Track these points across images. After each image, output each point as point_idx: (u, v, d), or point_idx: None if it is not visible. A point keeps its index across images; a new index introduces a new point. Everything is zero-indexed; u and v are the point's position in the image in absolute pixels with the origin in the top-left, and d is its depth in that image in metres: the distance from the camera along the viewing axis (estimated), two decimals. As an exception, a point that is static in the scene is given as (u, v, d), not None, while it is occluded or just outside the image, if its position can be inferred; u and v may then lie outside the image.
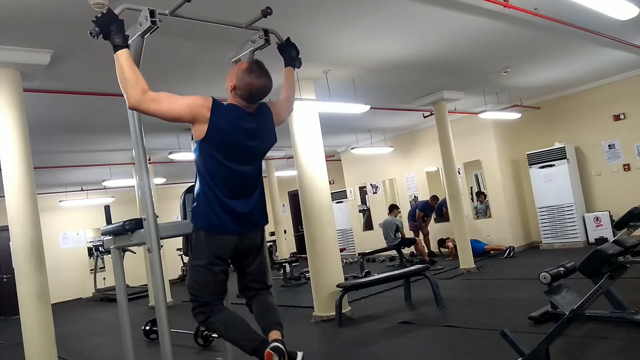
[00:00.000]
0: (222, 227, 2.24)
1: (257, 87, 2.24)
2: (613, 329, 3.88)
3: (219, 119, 2.19)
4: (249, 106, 2.30)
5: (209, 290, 2.27)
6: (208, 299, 2.27)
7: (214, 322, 2.27)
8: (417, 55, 5.81)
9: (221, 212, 2.23)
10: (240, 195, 2.29)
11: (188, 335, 5.27)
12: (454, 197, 8.11)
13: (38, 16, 3.55)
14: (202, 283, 2.27)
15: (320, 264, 5.92)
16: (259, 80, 2.24)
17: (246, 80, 2.23)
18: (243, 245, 2.32)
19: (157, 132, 7.59)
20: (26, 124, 4.11)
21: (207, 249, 2.25)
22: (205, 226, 2.25)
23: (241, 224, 2.29)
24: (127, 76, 2.08)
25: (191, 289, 2.30)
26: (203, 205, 2.25)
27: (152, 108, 2.10)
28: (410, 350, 4.30)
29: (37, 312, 3.90)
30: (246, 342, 2.21)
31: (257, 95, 2.28)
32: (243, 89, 2.24)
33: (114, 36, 2.12)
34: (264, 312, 2.35)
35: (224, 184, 2.24)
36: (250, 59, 2.50)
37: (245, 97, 2.26)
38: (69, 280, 12.09)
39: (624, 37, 5.99)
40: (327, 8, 4.20)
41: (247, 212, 2.30)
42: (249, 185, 2.34)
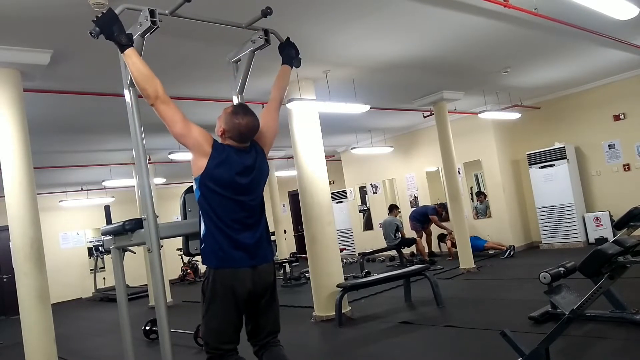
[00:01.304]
0: (232, 261, 2.25)
1: (244, 126, 2.31)
2: (613, 329, 3.88)
3: (218, 156, 2.26)
4: (241, 145, 2.36)
5: (226, 338, 2.27)
6: (223, 350, 2.27)
7: None
8: (417, 55, 5.81)
9: (229, 248, 2.25)
10: (245, 226, 2.30)
11: (188, 335, 5.27)
12: (454, 197, 8.10)
13: (38, 16, 3.55)
14: (218, 331, 2.27)
15: (320, 264, 5.92)
16: (245, 119, 2.32)
17: (234, 122, 2.31)
18: (256, 283, 2.30)
19: (157, 132, 7.55)
20: (26, 124, 4.10)
21: (220, 288, 2.25)
22: (216, 263, 2.26)
23: (250, 256, 2.29)
24: (145, 72, 2.16)
25: (206, 338, 2.31)
26: (211, 243, 2.27)
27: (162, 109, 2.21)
28: (410, 350, 4.30)
29: (37, 312, 3.90)
30: None
31: (247, 134, 2.34)
32: (232, 131, 2.32)
33: (118, 36, 2.13)
34: None
35: (228, 216, 2.26)
36: (234, 103, 2.59)
37: (236, 138, 2.33)
38: (69, 280, 12.08)
39: (624, 37, 5.99)
40: (327, 8, 4.20)
41: (254, 243, 2.32)
42: (252, 216, 2.36)
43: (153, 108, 2.23)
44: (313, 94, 6.19)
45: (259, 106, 6.41)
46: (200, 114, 6.45)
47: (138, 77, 2.15)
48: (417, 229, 10.40)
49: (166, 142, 8.14)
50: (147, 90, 2.14)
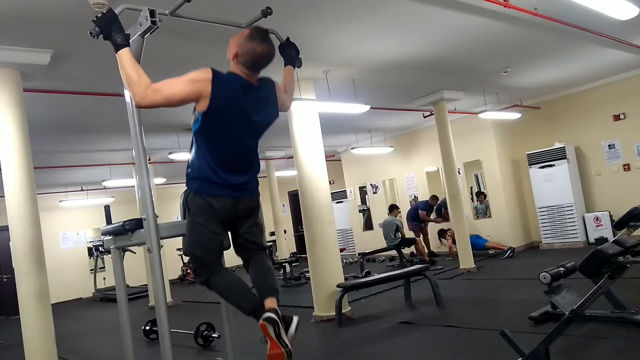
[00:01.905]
0: (216, 191, 2.24)
1: (259, 53, 2.20)
2: (613, 329, 3.88)
3: (221, 90, 2.14)
4: (251, 76, 2.27)
5: (209, 252, 2.29)
6: (209, 260, 2.28)
7: (215, 282, 2.29)
8: (417, 55, 5.81)
9: (215, 182, 2.23)
10: (236, 170, 2.28)
11: (188, 335, 5.27)
12: (454, 197, 8.11)
13: (38, 16, 3.55)
14: (202, 244, 2.28)
15: (320, 264, 5.92)
16: (261, 46, 2.20)
17: (248, 47, 2.18)
18: (237, 208, 2.31)
19: (157, 132, 7.60)
20: (26, 124, 4.11)
21: (204, 211, 2.25)
22: (200, 189, 2.25)
23: (235, 190, 2.28)
24: (130, 74, 2.08)
25: (191, 249, 2.31)
26: (197, 170, 2.25)
27: (157, 99, 2.08)
28: (410, 350, 4.30)
29: (37, 312, 3.90)
30: (245, 305, 2.24)
31: (260, 62, 2.23)
32: (245, 56, 2.20)
33: (114, 36, 2.11)
34: (260, 277, 2.34)
35: (222, 159, 2.23)
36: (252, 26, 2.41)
37: (247, 65, 2.22)
38: (69, 280, 12.08)
39: (624, 37, 5.99)
40: (327, 8, 4.20)
41: (241, 183, 2.30)
42: (246, 162, 2.34)
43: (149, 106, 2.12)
44: (313, 94, 6.19)
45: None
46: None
47: (125, 79, 2.11)
48: (415, 229, 10.41)
49: (166, 142, 8.16)
50: (132, 92, 2.08)
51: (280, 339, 2.04)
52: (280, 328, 2.05)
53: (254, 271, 2.37)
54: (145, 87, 2.06)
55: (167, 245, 3.04)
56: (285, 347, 2.04)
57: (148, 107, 2.12)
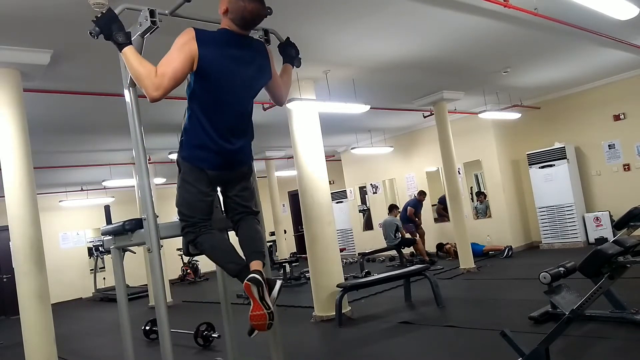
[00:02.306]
0: (207, 162, 2.24)
1: (249, 11, 2.15)
2: (613, 329, 3.88)
3: (207, 47, 2.12)
4: (240, 32, 2.23)
5: (198, 211, 2.28)
6: (197, 219, 2.28)
7: (202, 242, 2.29)
8: (417, 55, 5.81)
9: (208, 150, 2.21)
10: (231, 134, 2.26)
11: (188, 335, 5.27)
12: (454, 197, 8.11)
13: (38, 16, 3.55)
14: (191, 203, 2.28)
15: (320, 264, 5.92)
16: (252, 3, 2.15)
17: (239, 4, 2.14)
18: (229, 176, 2.33)
19: (157, 132, 7.60)
20: (26, 124, 4.11)
21: (194, 173, 2.26)
22: (191, 159, 2.25)
23: (227, 162, 2.28)
24: (140, 71, 2.08)
25: (181, 207, 2.31)
26: (191, 138, 2.24)
27: (166, 83, 2.05)
28: (410, 350, 4.30)
29: (37, 312, 3.90)
30: (231, 265, 2.24)
31: (250, 20, 2.19)
32: (235, 13, 2.16)
33: (116, 35, 2.11)
34: (247, 239, 2.34)
35: (216, 121, 2.21)
36: None
37: (237, 22, 2.19)
38: (69, 280, 12.08)
39: (624, 37, 5.99)
40: (327, 8, 4.20)
41: (235, 149, 2.28)
42: (240, 126, 2.32)
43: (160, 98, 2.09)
44: (313, 94, 6.19)
45: (259, 106, 6.42)
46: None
47: (135, 76, 2.12)
48: (411, 230, 10.43)
49: (166, 142, 8.16)
50: (144, 87, 2.08)
51: (263, 301, 2.06)
52: (264, 290, 2.07)
53: (242, 234, 2.37)
54: (154, 76, 2.06)
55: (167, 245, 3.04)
56: (267, 308, 2.06)
57: (163, 95, 2.08)
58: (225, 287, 2.83)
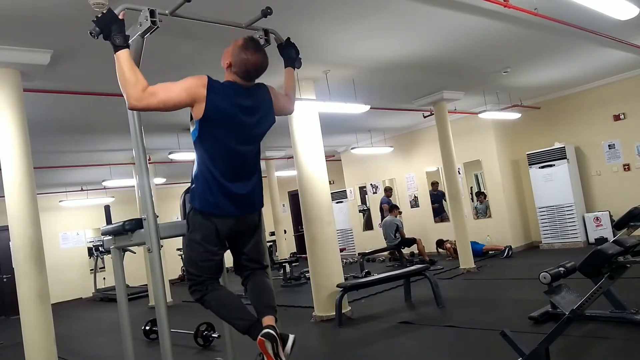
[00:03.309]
0: (219, 209, 2.23)
1: (252, 63, 2.22)
2: (613, 329, 3.88)
3: (216, 96, 2.16)
4: (245, 83, 2.28)
5: (206, 270, 2.28)
6: (204, 277, 2.28)
7: (209, 300, 2.28)
8: (417, 55, 5.81)
9: (219, 195, 2.22)
10: (239, 177, 2.27)
11: (188, 335, 5.27)
12: (454, 197, 8.11)
13: (38, 16, 3.55)
14: (199, 262, 2.27)
15: (320, 264, 5.92)
16: (255, 56, 2.21)
17: (242, 57, 2.21)
18: (240, 227, 2.31)
19: (157, 132, 7.60)
20: (26, 124, 4.10)
21: (203, 229, 2.25)
22: (202, 207, 2.24)
23: (239, 206, 2.27)
24: (127, 76, 2.07)
25: (188, 267, 2.31)
26: (201, 186, 2.24)
27: (153, 102, 2.08)
28: (410, 350, 4.30)
29: (37, 312, 3.90)
30: (239, 322, 2.23)
31: (253, 72, 2.25)
32: (239, 66, 2.22)
33: (114, 36, 2.11)
34: (258, 294, 2.34)
35: (223, 165, 2.23)
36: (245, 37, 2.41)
37: (241, 74, 2.24)
38: (69, 280, 12.08)
39: (624, 37, 5.99)
40: (327, 8, 4.20)
41: (246, 193, 2.29)
42: (247, 168, 2.33)
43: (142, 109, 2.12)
44: (313, 94, 6.19)
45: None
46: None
47: (121, 81, 2.09)
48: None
49: (166, 142, 8.16)
50: (127, 93, 2.05)
51: (278, 357, 2.04)
52: (278, 346, 2.05)
53: (252, 288, 2.37)
54: (142, 89, 2.06)
55: (167, 245, 3.04)
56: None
57: (142, 109, 2.14)
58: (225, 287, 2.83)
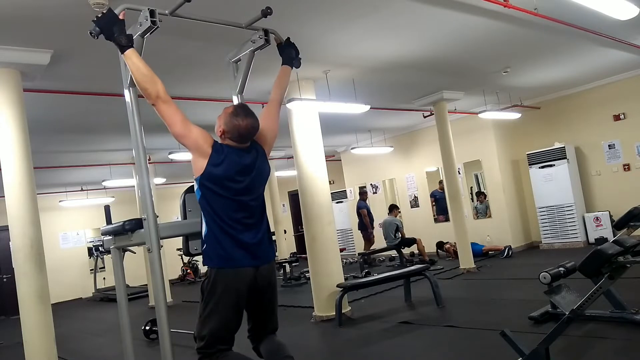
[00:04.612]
0: (234, 261, 2.26)
1: (244, 127, 2.32)
2: (613, 329, 3.88)
3: (218, 156, 2.27)
4: (240, 145, 2.38)
5: (222, 338, 2.27)
6: (217, 349, 2.26)
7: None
8: (417, 55, 5.81)
9: (231, 247, 2.26)
10: (246, 226, 2.32)
11: (188, 335, 5.26)
12: (454, 197, 8.11)
13: (38, 16, 3.55)
14: (215, 329, 2.25)
15: (320, 264, 5.92)
16: (245, 120, 2.33)
17: (234, 123, 2.32)
18: (258, 283, 2.32)
19: (157, 132, 7.55)
20: (26, 124, 4.10)
21: (221, 286, 2.24)
22: (218, 263, 2.26)
23: (253, 256, 2.30)
24: (145, 72, 2.18)
25: (201, 337, 2.27)
26: (212, 244, 2.28)
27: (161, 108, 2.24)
28: (410, 350, 4.30)
29: (37, 312, 3.90)
30: None
31: (246, 135, 2.36)
32: (232, 132, 2.33)
33: (118, 37, 2.13)
34: (275, 349, 2.38)
35: (229, 216, 2.28)
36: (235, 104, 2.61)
37: (235, 139, 2.34)
38: (69, 280, 12.08)
39: (624, 37, 5.99)
40: (327, 8, 4.20)
41: (256, 242, 2.33)
42: (255, 217, 2.37)
43: (154, 108, 2.23)
44: (313, 94, 6.19)
45: (259, 106, 6.42)
46: (200, 114, 6.45)
47: (139, 78, 2.16)
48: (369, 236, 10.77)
49: (166, 142, 8.13)
50: (147, 90, 2.16)
51: None
52: None
53: (268, 346, 2.41)
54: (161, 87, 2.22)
55: (167, 245, 3.04)
56: None
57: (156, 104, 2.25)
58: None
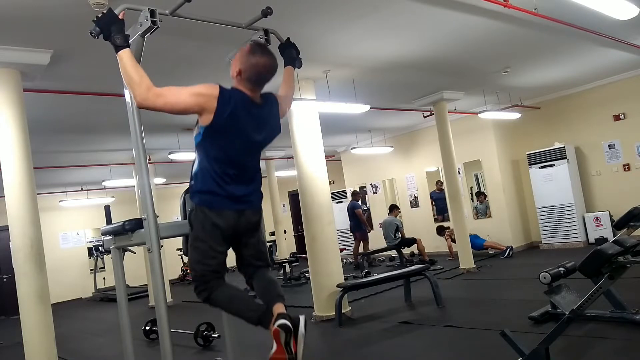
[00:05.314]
0: (217, 204, 2.25)
1: (262, 65, 2.21)
2: (613, 329, 3.88)
3: (226, 108, 2.15)
4: (255, 91, 2.27)
5: (210, 268, 2.28)
6: (209, 277, 2.28)
7: (217, 297, 2.29)
8: (417, 55, 5.81)
9: (217, 193, 2.24)
10: (237, 181, 2.29)
11: (188, 335, 5.27)
12: (454, 197, 8.11)
13: (38, 16, 3.56)
14: (204, 260, 2.27)
15: (320, 264, 5.92)
16: (264, 58, 2.21)
17: (251, 61, 2.20)
18: (240, 223, 2.31)
19: (157, 132, 7.59)
20: (26, 124, 4.11)
21: (206, 226, 2.25)
22: (202, 203, 2.26)
23: (237, 202, 2.29)
24: (131, 75, 2.09)
25: (194, 265, 2.31)
26: (200, 183, 2.26)
27: (159, 103, 2.10)
28: (410, 350, 4.30)
29: (37, 312, 3.90)
30: (250, 314, 2.24)
31: (264, 74, 2.24)
32: (249, 71, 2.21)
33: (114, 37, 2.12)
34: (266, 286, 2.36)
35: (223, 170, 2.24)
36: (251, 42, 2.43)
37: (252, 79, 2.23)
38: (69, 280, 12.08)
39: (624, 37, 5.99)
40: (327, 8, 4.20)
41: (244, 194, 2.31)
42: (247, 175, 2.35)
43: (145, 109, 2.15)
44: (313, 94, 6.19)
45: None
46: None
47: (125, 81, 2.13)
48: (365, 236, 10.69)
49: (166, 142, 8.16)
50: (132, 92, 2.11)
51: (288, 346, 2.06)
52: (291, 336, 2.07)
53: (260, 283, 2.38)
54: (146, 88, 2.07)
55: (167, 245, 3.04)
56: (290, 353, 2.06)
57: (148, 109, 2.14)
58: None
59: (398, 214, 10.44)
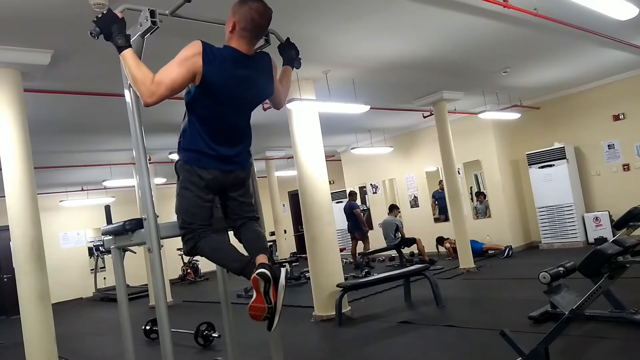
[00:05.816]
0: (203, 162, 2.25)
1: (256, 9, 2.17)
2: (613, 329, 3.88)
3: (211, 66, 2.12)
4: (250, 44, 2.24)
5: (197, 217, 2.29)
6: (196, 225, 2.29)
7: (203, 246, 2.30)
8: (417, 55, 5.82)
9: (204, 152, 2.24)
10: (225, 142, 2.29)
11: (188, 335, 5.28)
12: (453, 197, 8.11)
13: (38, 16, 3.56)
14: (190, 209, 2.29)
15: (320, 264, 5.93)
16: (256, 3, 2.18)
17: (244, 10, 2.16)
18: (226, 180, 2.33)
19: (157, 132, 7.60)
20: (26, 124, 4.11)
21: (192, 178, 2.27)
22: (187, 160, 2.27)
23: (226, 162, 2.30)
24: (136, 75, 2.09)
25: (180, 214, 2.32)
26: (188, 141, 2.26)
27: (163, 92, 2.08)
28: (410, 350, 4.31)
29: (37, 312, 3.90)
30: (234, 264, 2.26)
31: (259, 21, 2.19)
32: (244, 20, 2.16)
33: (116, 37, 2.12)
34: (252, 239, 2.37)
35: (212, 130, 2.24)
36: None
37: (248, 29, 2.19)
38: (69, 280, 12.09)
39: (624, 37, 6.00)
40: (327, 8, 4.20)
41: (232, 155, 2.31)
42: (236, 137, 2.35)
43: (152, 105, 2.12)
44: (313, 94, 6.19)
45: (259, 106, 6.42)
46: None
47: (131, 80, 2.13)
48: (363, 236, 10.64)
49: (166, 142, 8.16)
50: (138, 92, 2.11)
51: (267, 295, 2.10)
52: (270, 285, 2.10)
53: (245, 237, 2.39)
54: (150, 82, 2.07)
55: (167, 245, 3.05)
56: (269, 303, 2.10)
57: (156, 102, 2.11)
58: (225, 286, 2.84)
59: (398, 214, 10.44)
